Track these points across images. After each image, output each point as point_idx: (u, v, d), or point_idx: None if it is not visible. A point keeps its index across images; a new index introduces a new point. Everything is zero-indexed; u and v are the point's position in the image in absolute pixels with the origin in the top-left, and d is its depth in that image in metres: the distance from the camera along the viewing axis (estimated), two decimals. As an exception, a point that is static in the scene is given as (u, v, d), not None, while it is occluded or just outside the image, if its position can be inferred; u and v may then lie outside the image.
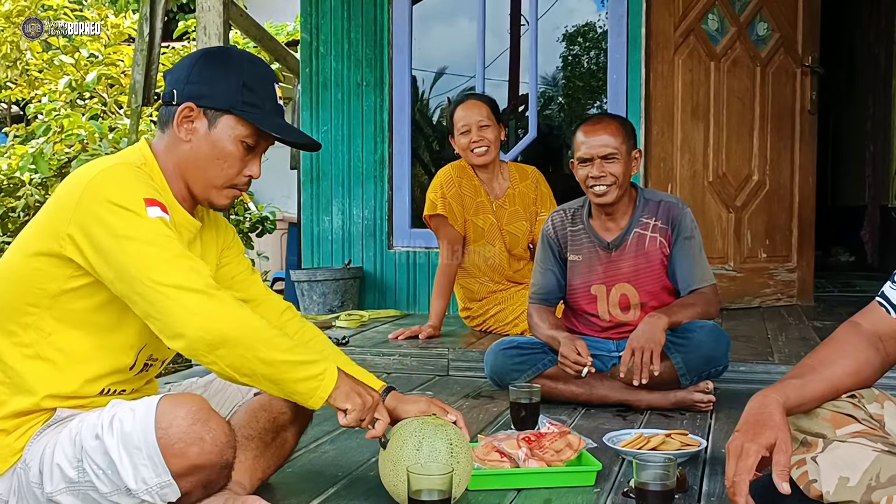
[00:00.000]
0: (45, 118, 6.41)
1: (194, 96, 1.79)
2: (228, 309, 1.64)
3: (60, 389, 1.75)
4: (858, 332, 1.69)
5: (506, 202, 3.93)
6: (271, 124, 1.82)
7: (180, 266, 1.63)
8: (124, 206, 1.64)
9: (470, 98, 3.92)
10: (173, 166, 1.83)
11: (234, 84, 1.79)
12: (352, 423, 1.77)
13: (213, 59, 1.84)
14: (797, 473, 1.58)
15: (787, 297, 4.77)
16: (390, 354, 3.63)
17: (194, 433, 1.62)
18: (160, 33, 4.97)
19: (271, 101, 1.84)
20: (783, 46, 4.69)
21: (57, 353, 1.74)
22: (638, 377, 2.62)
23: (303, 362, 1.70)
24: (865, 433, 1.54)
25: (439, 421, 1.92)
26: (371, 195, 4.90)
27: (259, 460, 1.97)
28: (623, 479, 2.12)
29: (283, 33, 8.19)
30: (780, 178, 4.74)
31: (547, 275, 3.04)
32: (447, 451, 1.85)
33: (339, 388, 1.74)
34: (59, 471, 1.68)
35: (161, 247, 1.64)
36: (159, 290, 1.61)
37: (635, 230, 2.94)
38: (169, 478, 1.62)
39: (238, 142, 1.81)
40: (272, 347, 1.67)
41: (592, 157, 2.84)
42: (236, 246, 2.07)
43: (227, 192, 1.86)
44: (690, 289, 2.86)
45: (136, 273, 1.62)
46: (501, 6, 5.09)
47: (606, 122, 2.89)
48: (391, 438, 1.89)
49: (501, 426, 2.65)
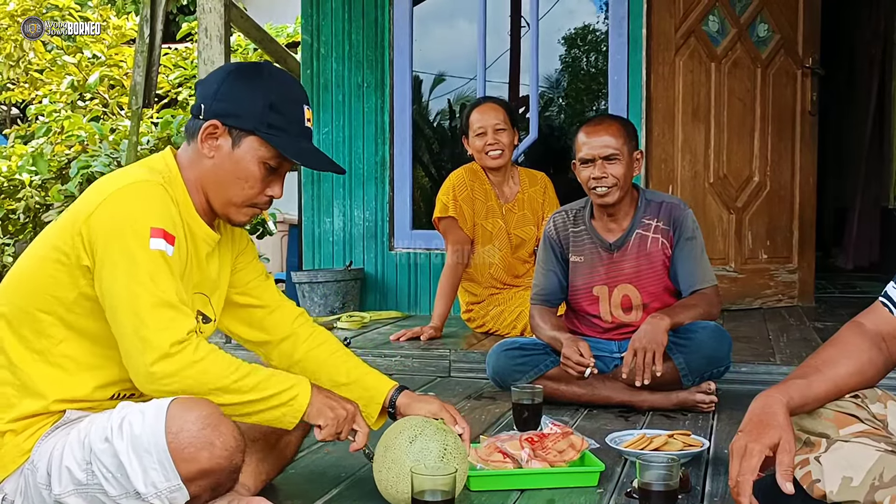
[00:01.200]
0: (46, 119, 6.41)
1: (220, 114, 1.79)
2: (186, 364, 1.66)
3: (70, 394, 1.76)
4: (862, 333, 1.69)
5: (515, 206, 3.95)
6: (295, 149, 1.81)
7: (158, 317, 1.65)
8: (130, 233, 1.66)
9: (487, 101, 3.95)
10: (195, 179, 1.83)
11: (261, 105, 1.78)
12: (327, 437, 1.82)
13: (242, 76, 1.82)
14: (801, 473, 1.58)
15: (787, 298, 4.78)
16: (392, 356, 3.63)
17: (204, 438, 1.63)
18: (161, 35, 4.98)
19: (298, 124, 1.82)
20: (784, 48, 4.70)
21: (67, 360, 1.74)
22: (640, 378, 2.62)
23: (268, 397, 1.74)
24: (869, 433, 1.55)
25: (444, 426, 1.93)
26: (372, 196, 4.90)
27: (263, 463, 1.98)
28: (626, 480, 2.12)
29: (283, 35, 8.18)
30: (781, 179, 4.74)
31: (549, 276, 3.04)
32: (438, 455, 1.85)
33: (312, 406, 1.78)
34: (67, 473, 1.69)
35: (147, 290, 1.65)
36: (128, 329, 1.65)
37: (637, 231, 2.94)
38: (179, 482, 1.62)
39: (260, 163, 1.80)
40: (234, 392, 1.70)
41: (594, 158, 2.84)
42: (250, 251, 2.07)
43: (246, 211, 1.86)
44: (692, 289, 2.86)
45: (117, 305, 1.65)
46: (502, 8, 5.10)
47: (608, 122, 2.89)
48: (393, 427, 1.91)
49: (503, 427, 2.65)
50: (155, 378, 1.65)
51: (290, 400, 1.76)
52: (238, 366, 1.72)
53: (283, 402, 1.75)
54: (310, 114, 1.86)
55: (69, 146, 6.15)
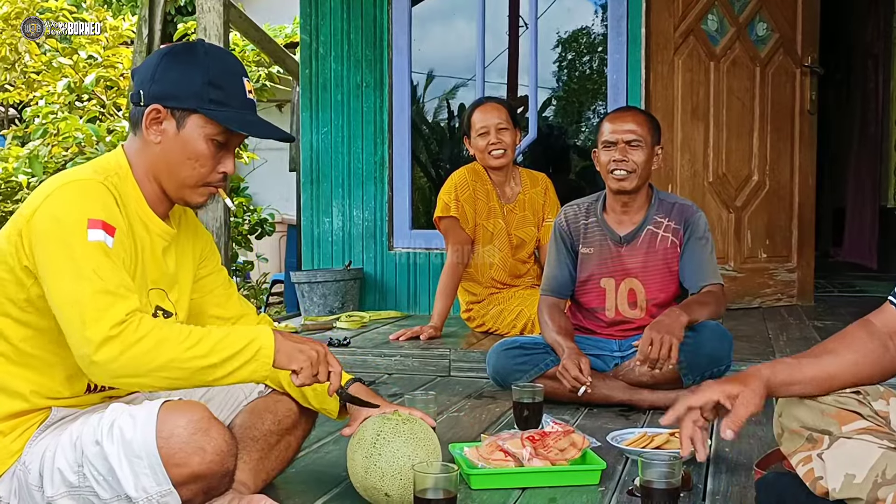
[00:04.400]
0: (43, 121, 6.40)
1: (160, 97, 1.77)
2: (129, 344, 1.59)
3: (47, 391, 1.75)
4: (869, 330, 1.69)
5: (516, 207, 3.95)
6: (240, 122, 1.79)
7: (96, 306, 1.60)
8: (68, 228, 1.63)
9: (488, 101, 3.95)
10: (145, 169, 1.81)
11: (200, 82, 1.76)
12: (305, 381, 1.75)
13: (177, 57, 1.80)
14: (803, 470, 1.59)
15: (787, 298, 4.78)
16: (392, 355, 3.62)
17: (195, 443, 1.62)
18: (159, 35, 4.98)
19: (240, 96, 1.80)
20: (783, 47, 4.70)
21: (32, 358, 1.73)
22: (654, 364, 2.55)
23: (230, 356, 1.66)
24: (871, 430, 1.55)
25: (391, 415, 1.91)
26: (371, 196, 4.90)
27: (264, 461, 1.97)
28: (627, 478, 2.12)
29: (281, 35, 8.18)
30: (780, 178, 4.74)
31: (560, 267, 3.03)
32: (371, 441, 1.86)
33: (280, 353, 1.71)
34: (59, 475, 1.68)
35: (88, 281, 1.61)
36: (72, 331, 1.60)
37: (649, 227, 2.95)
38: (170, 486, 1.62)
39: (208, 140, 1.78)
40: (190, 360, 1.63)
41: (617, 142, 2.87)
42: (213, 257, 2.04)
43: (201, 191, 1.83)
44: (701, 284, 2.85)
45: (59, 302, 1.62)
46: (501, 8, 5.10)
47: (635, 111, 3.00)
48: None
49: (504, 426, 2.65)
50: (100, 366, 1.59)
51: (254, 354, 1.68)
52: (189, 332, 1.65)
53: (248, 359, 1.67)
54: (250, 86, 1.84)
55: (66, 148, 6.14)
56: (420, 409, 2.39)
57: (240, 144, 1.88)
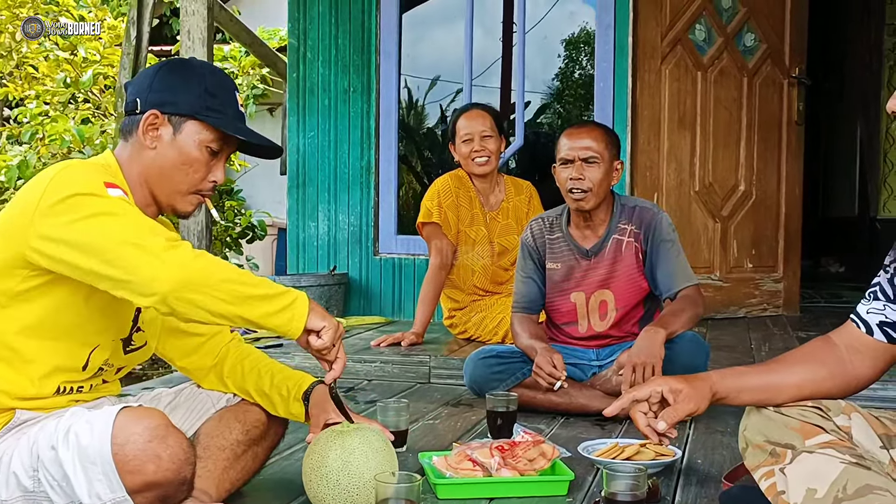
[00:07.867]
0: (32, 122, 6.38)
1: (158, 103, 1.82)
2: (191, 256, 1.63)
3: (14, 388, 1.73)
4: (828, 346, 1.72)
5: (499, 215, 3.94)
6: (235, 128, 1.86)
7: (142, 226, 1.64)
8: (85, 193, 1.65)
9: (474, 108, 3.94)
10: (137, 174, 1.84)
11: (197, 90, 1.83)
12: (326, 343, 1.76)
13: (174, 68, 1.89)
14: (766, 485, 1.58)
15: (772, 308, 4.77)
16: (372, 361, 3.61)
17: (151, 450, 1.60)
18: (147, 37, 4.97)
19: (233, 107, 1.88)
20: (770, 57, 4.70)
21: (9, 351, 1.72)
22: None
23: (273, 295, 1.69)
24: (834, 444, 1.54)
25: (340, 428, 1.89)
26: (357, 201, 4.89)
27: (229, 471, 1.95)
28: (596, 490, 2.10)
29: (276, 38, 8.17)
30: (767, 188, 4.74)
31: (528, 283, 3.02)
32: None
33: (314, 312, 1.75)
34: (14, 479, 1.67)
35: (124, 214, 1.65)
36: (126, 248, 1.60)
37: (613, 237, 2.93)
38: (124, 494, 1.60)
39: (203, 147, 1.83)
40: (241, 285, 1.65)
41: (573, 159, 2.83)
42: None
43: (191, 198, 1.87)
44: (674, 290, 2.83)
45: (102, 242, 1.61)
46: (491, 14, 5.10)
47: (591, 126, 2.91)
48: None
49: (479, 435, 2.63)
50: (171, 268, 1.58)
51: (292, 302, 1.71)
52: (230, 265, 1.70)
53: (287, 304, 1.70)
54: (241, 100, 1.93)
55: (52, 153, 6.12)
56: (392, 416, 2.39)
57: (230, 155, 1.93)
